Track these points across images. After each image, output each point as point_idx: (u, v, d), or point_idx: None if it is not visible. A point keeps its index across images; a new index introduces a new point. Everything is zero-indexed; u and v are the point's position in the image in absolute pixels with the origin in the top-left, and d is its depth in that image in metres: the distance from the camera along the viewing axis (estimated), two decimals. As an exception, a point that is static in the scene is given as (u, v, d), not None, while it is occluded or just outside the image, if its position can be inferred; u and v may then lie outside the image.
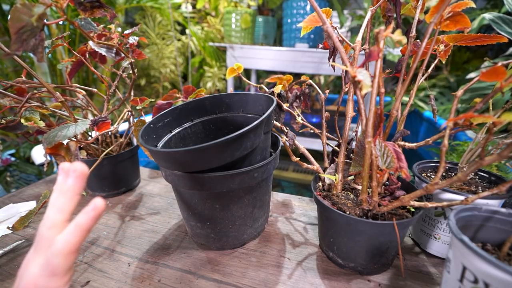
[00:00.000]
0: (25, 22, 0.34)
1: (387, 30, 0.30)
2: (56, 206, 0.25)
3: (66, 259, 0.24)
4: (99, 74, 0.64)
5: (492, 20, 0.95)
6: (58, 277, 0.24)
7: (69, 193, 0.25)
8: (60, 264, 0.24)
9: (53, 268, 0.24)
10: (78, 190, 0.25)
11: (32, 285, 0.23)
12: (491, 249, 0.34)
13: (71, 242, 0.24)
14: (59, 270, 0.24)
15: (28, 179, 1.33)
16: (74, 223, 0.24)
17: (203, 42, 2.44)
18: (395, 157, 0.35)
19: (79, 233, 0.24)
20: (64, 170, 0.25)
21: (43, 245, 0.24)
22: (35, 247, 0.25)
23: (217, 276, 0.45)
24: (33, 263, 0.24)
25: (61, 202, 0.25)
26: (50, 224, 0.24)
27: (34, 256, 0.25)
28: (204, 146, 0.36)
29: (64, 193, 0.25)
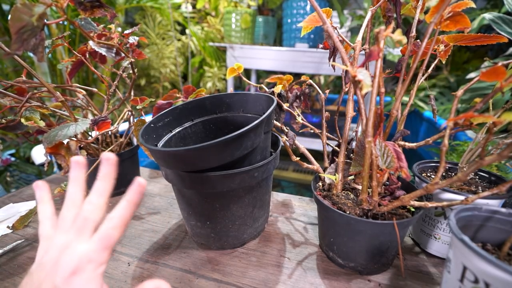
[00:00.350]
0: (26, 21, 0.34)
1: (387, 30, 0.30)
2: (98, 191, 0.28)
3: (120, 231, 0.27)
4: (99, 74, 0.64)
5: (492, 20, 0.95)
6: (109, 250, 0.26)
7: (109, 177, 0.28)
8: (116, 236, 0.26)
9: (108, 241, 0.26)
10: (114, 174, 0.29)
11: (85, 259, 0.25)
12: (491, 249, 0.34)
13: (125, 216, 0.27)
14: (113, 242, 0.26)
15: (28, 179, 1.33)
16: (125, 200, 0.28)
17: (203, 42, 2.44)
18: (395, 157, 0.35)
19: (131, 207, 0.28)
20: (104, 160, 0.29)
21: (89, 226, 0.27)
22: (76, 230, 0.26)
23: (217, 275, 0.45)
24: (76, 243, 0.26)
25: (102, 187, 0.28)
26: (95, 207, 0.27)
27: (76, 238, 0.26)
28: (204, 145, 0.36)
29: (104, 179, 0.28)
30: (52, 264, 0.25)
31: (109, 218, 0.27)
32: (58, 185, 0.54)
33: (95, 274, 0.25)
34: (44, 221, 0.29)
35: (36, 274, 0.25)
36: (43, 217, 0.29)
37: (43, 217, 0.29)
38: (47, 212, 0.30)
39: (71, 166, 0.30)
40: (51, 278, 0.24)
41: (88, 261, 0.25)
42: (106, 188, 0.28)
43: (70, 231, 0.27)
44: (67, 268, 0.24)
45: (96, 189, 0.28)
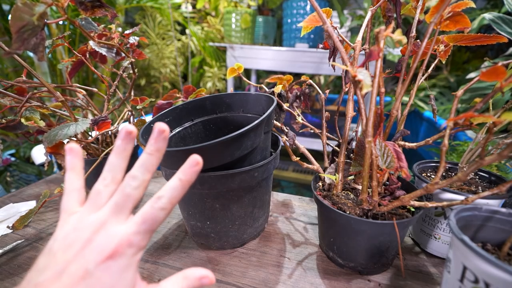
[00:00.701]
0: (26, 21, 0.34)
1: (387, 30, 0.30)
2: (145, 166, 0.24)
3: (167, 213, 0.24)
4: (99, 74, 0.64)
5: (492, 20, 0.95)
6: (151, 234, 0.24)
7: (159, 153, 0.25)
8: (161, 218, 0.24)
9: (154, 223, 0.23)
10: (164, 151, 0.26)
11: (126, 242, 0.22)
12: (491, 249, 0.34)
13: (176, 197, 0.24)
14: (157, 225, 0.24)
15: (28, 179, 1.33)
16: (178, 178, 0.24)
17: (203, 42, 2.44)
18: (395, 157, 0.35)
19: (183, 188, 0.24)
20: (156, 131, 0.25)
21: (130, 204, 0.24)
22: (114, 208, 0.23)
23: (217, 275, 0.45)
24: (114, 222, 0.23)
25: (150, 162, 0.25)
26: (139, 183, 0.24)
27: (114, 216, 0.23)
28: (205, 145, 0.36)
29: (154, 154, 0.25)
30: (83, 244, 0.22)
31: (157, 197, 0.24)
32: (58, 185, 0.54)
33: (134, 260, 0.23)
34: (70, 193, 0.25)
35: (60, 254, 0.22)
36: (70, 188, 0.25)
37: (70, 188, 0.25)
38: (76, 183, 0.26)
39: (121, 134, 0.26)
40: (82, 260, 0.21)
41: (129, 244, 0.22)
42: (154, 164, 0.25)
43: (106, 208, 0.24)
44: (103, 251, 0.21)
45: (142, 163, 0.24)
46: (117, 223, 0.23)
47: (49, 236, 0.54)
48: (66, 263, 0.21)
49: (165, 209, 0.24)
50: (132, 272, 0.23)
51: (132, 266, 0.23)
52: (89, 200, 0.24)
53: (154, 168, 0.25)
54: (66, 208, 0.25)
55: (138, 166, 0.24)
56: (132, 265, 0.23)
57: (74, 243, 0.22)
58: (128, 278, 0.22)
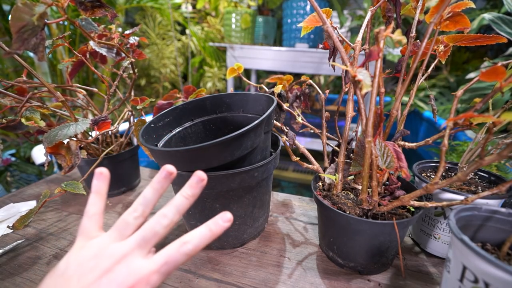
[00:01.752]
0: (26, 21, 0.34)
1: (387, 30, 0.30)
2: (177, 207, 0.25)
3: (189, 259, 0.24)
4: (99, 74, 0.64)
5: (492, 20, 0.95)
6: (168, 275, 0.23)
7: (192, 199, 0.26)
8: (181, 262, 0.23)
9: (173, 265, 0.23)
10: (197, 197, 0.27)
11: (144, 280, 0.22)
12: (491, 248, 0.34)
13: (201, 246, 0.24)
14: (176, 268, 0.23)
15: (29, 179, 1.33)
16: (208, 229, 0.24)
17: (203, 42, 2.44)
18: (395, 157, 0.35)
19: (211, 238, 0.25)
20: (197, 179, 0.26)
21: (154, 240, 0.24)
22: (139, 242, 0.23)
23: (217, 275, 0.45)
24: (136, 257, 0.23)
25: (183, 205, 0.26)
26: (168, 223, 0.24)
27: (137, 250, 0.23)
28: (205, 145, 0.36)
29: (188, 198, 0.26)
30: (102, 273, 0.21)
31: (184, 242, 0.23)
32: (58, 185, 0.54)
33: None
34: (92, 216, 0.25)
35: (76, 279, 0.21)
36: (92, 211, 0.25)
37: (92, 211, 0.25)
38: (98, 208, 0.26)
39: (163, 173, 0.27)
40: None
41: (147, 283, 0.22)
42: (185, 207, 0.25)
43: (131, 240, 0.23)
44: (121, 284, 0.21)
45: (176, 205, 0.25)
46: (139, 258, 0.23)
47: (50, 236, 0.54)
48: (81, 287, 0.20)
49: (188, 255, 0.23)
50: None
51: None
52: (115, 229, 0.24)
53: (184, 211, 0.26)
54: (85, 231, 0.24)
55: (171, 206, 0.25)
56: None
57: (92, 270, 0.21)
58: None
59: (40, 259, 0.48)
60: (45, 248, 0.51)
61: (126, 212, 0.25)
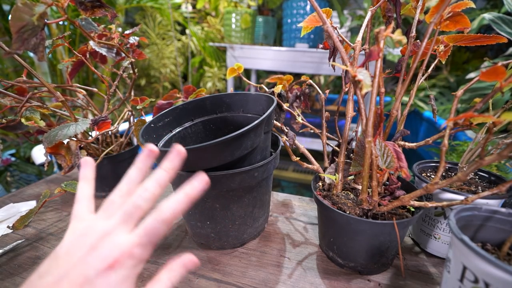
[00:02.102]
0: (26, 21, 0.34)
1: (387, 30, 0.30)
2: (158, 181, 0.25)
3: (168, 226, 0.24)
4: (99, 74, 0.64)
5: (492, 20, 0.95)
6: (153, 246, 0.23)
7: (172, 172, 0.26)
8: (162, 231, 0.23)
9: (155, 236, 0.23)
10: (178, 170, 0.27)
11: (127, 253, 0.22)
12: (491, 248, 0.34)
13: (178, 210, 0.24)
14: (158, 238, 0.23)
15: (28, 179, 1.33)
16: (183, 192, 0.25)
17: (203, 42, 2.44)
18: (395, 157, 0.35)
19: (187, 202, 0.25)
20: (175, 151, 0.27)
21: (137, 215, 0.24)
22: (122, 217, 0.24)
23: (217, 275, 0.45)
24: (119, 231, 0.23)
25: (163, 178, 0.25)
26: (150, 196, 0.25)
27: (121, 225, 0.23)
28: (205, 145, 0.36)
29: (168, 171, 0.26)
30: (88, 250, 0.22)
31: (159, 210, 0.24)
32: (58, 185, 0.54)
33: (133, 273, 0.22)
34: (81, 200, 0.26)
35: (64, 258, 0.22)
36: (81, 196, 0.26)
37: (81, 196, 0.26)
38: (87, 192, 0.27)
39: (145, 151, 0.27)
40: (84, 267, 0.21)
41: (130, 255, 0.22)
42: (166, 180, 0.26)
43: (116, 216, 0.24)
44: (105, 260, 0.21)
45: (156, 178, 0.25)
46: (123, 233, 0.23)
47: (50, 236, 0.54)
48: (68, 269, 0.21)
49: (167, 222, 0.24)
50: (130, 284, 0.22)
51: (130, 279, 0.22)
52: (102, 209, 0.25)
53: (166, 184, 0.26)
54: (76, 215, 0.25)
55: (152, 180, 0.25)
56: (130, 278, 0.22)
57: (79, 248, 0.22)
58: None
59: (40, 259, 0.48)
60: (45, 248, 0.51)
61: (112, 193, 0.25)
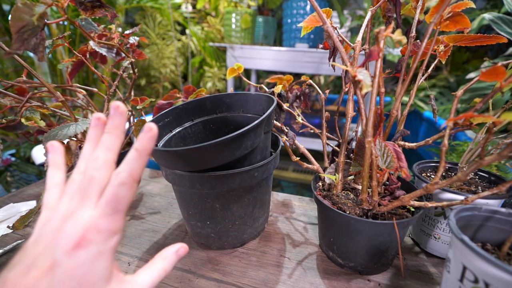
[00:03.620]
0: (26, 21, 0.34)
1: (387, 30, 0.30)
2: (105, 145, 0.23)
3: (130, 188, 0.22)
4: (99, 74, 0.64)
5: (492, 20, 0.95)
6: (121, 215, 0.22)
7: (117, 130, 0.24)
8: (124, 195, 0.22)
9: (117, 202, 0.22)
10: (123, 127, 0.24)
11: (93, 228, 0.21)
12: (491, 248, 0.34)
13: (135, 168, 0.23)
14: (123, 204, 0.22)
15: (29, 179, 1.33)
16: (134, 149, 0.23)
17: (203, 42, 2.44)
18: (395, 157, 0.35)
19: (141, 157, 0.23)
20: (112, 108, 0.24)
21: (95, 187, 0.22)
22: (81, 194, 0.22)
23: (217, 275, 0.45)
24: (81, 209, 0.21)
25: (109, 141, 0.23)
26: (101, 164, 0.23)
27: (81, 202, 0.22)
28: (205, 145, 0.36)
29: (111, 131, 0.24)
30: (52, 235, 0.20)
31: (115, 174, 0.22)
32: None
33: (106, 247, 0.21)
34: (51, 187, 0.24)
35: (31, 247, 0.21)
36: (51, 183, 0.24)
37: (51, 183, 0.24)
38: (57, 178, 0.25)
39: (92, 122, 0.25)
40: (50, 251, 0.20)
41: (97, 230, 0.21)
42: (114, 142, 0.23)
43: (76, 195, 0.22)
44: (69, 240, 0.20)
45: (102, 143, 0.23)
46: (85, 210, 0.21)
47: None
48: (35, 256, 0.20)
49: (126, 184, 0.22)
50: (105, 261, 0.21)
51: (105, 254, 0.21)
52: (64, 191, 0.23)
53: (115, 146, 0.24)
54: (46, 203, 0.23)
55: (100, 146, 0.23)
56: (105, 253, 0.21)
57: (44, 235, 0.21)
58: (101, 267, 0.21)
59: (40, 259, 0.48)
60: (45, 248, 0.51)
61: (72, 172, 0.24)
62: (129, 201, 0.23)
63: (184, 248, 0.24)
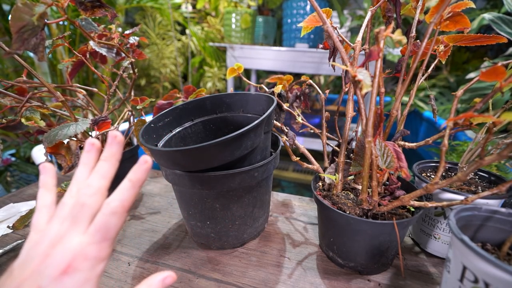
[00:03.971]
0: (26, 21, 0.34)
1: (387, 30, 0.30)
2: (99, 173, 0.24)
3: (121, 218, 0.23)
4: (99, 74, 0.64)
5: (492, 20, 0.95)
6: (109, 243, 0.22)
7: (113, 158, 0.25)
8: (114, 224, 0.22)
9: (107, 230, 0.22)
10: (119, 156, 0.25)
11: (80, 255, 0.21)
12: (491, 248, 0.34)
13: (126, 199, 0.23)
14: (112, 232, 0.22)
15: (29, 179, 1.33)
16: (128, 179, 0.24)
17: (203, 42, 2.44)
18: (395, 157, 0.35)
19: (134, 188, 0.24)
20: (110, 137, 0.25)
21: (86, 213, 0.22)
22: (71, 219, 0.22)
23: (217, 275, 0.45)
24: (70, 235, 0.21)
25: (105, 169, 0.24)
26: (95, 191, 0.23)
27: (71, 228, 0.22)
28: (205, 145, 0.36)
29: (107, 159, 0.24)
30: (40, 260, 0.21)
31: (107, 203, 0.23)
32: (58, 185, 0.54)
33: (92, 275, 0.21)
34: (41, 209, 0.24)
35: (17, 271, 0.21)
36: (41, 205, 0.24)
37: (41, 205, 0.24)
38: (46, 200, 0.25)
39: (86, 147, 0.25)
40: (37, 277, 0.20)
41: (84, 257, 0.21)
42: (109, 170, 0.24)
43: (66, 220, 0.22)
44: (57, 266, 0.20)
45: (97, 171, 0.24)
46: (74, 235, 0.22)
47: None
48: (21, 280, 0.20)
49: (117, 213, 0.23)
50: None
51: (91, 281, 0.21)
52: (55, 214, 0.23)
53: (109, 174, 0.24)
54: (35, 224, 0.23)
55: (93, 174, 0.24)
56: (90, 280, 0.21)
57: (32, 259, 0.21)
58: None
59: (40, 259, 0.48)
60: (45, 248, 0.51)
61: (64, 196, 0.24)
62: (118, 230, 0.23)
63: (171, 278, 0.24)
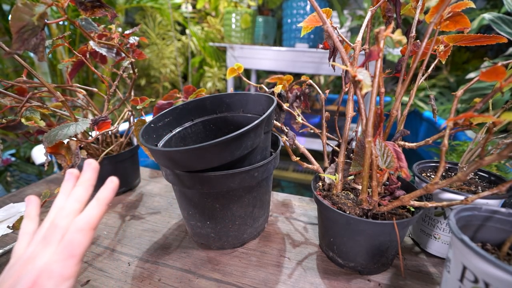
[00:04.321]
0: (26, 21, 0.34)
1: (387, 30, 0.30)
2: (74, 197, 0.26)
3: (87, 235, 0.24)
4: (99, 74, 0.64)
5: (492, 20, 0.95)
6: (75, 260, 0.23)
7: (87, 183, 0.26)
8: (80, 241, 0.23)
9: (72, 248, 0.23)
10: (93, 181, 0.27)
11: (45, 273, 0.21)
12: (491, 248, 0.34)
13: (93, 216, 0.24)
14: (78, 249, 0.23)
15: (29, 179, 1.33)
16: (95, 198, 0.25)
17: (203, 42, 2.44)
18: (395, 157, 0.35)
19: (101, 206, 0.25)
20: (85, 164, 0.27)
21: (57, 234, 0.23)
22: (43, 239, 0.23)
23: (217, 275, 0.45)
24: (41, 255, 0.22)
25: (78, 193, 0.26)
26: (67, 213, 0.24)
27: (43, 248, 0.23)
28: (205, 145, 0.36)
29: (82, 184, 0.26)
30: (13, 280, 0.21)
31: (74, 222, 0.24)
32: (58, 185, 0.54)
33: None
34: (22, 236, 0.26)
35: None
36: (22, 232, 0.26)
37: (22, 232, 0.26)
38: (29, 228, 0.26)
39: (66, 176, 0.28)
40: None
41: (49, 275, 0.21)
42: (83, 194, 0.26)
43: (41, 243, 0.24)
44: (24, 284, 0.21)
45: (72, 195, 0.26)
46: (44, 255, 0.22)
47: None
48: None
49: (83, 230, 0.23)
50: None
51: None
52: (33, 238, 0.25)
53: (83, 198, 0.26)
54: (15, 250, 0.25)
55: (69, 197, 0.26)
56: None
57: (5, 280, 0.22)
58: None
59: (40, 259, 0.48)
60: (45, 248, 0.51)
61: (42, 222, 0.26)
62: (85, 247, 0.24)
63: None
